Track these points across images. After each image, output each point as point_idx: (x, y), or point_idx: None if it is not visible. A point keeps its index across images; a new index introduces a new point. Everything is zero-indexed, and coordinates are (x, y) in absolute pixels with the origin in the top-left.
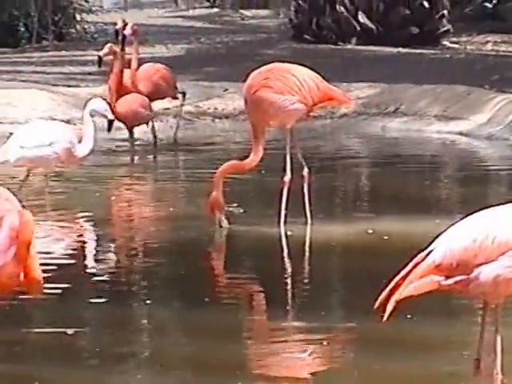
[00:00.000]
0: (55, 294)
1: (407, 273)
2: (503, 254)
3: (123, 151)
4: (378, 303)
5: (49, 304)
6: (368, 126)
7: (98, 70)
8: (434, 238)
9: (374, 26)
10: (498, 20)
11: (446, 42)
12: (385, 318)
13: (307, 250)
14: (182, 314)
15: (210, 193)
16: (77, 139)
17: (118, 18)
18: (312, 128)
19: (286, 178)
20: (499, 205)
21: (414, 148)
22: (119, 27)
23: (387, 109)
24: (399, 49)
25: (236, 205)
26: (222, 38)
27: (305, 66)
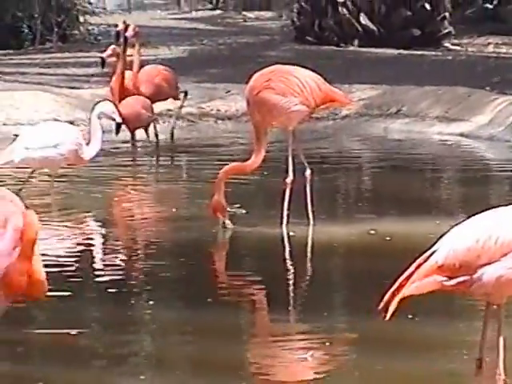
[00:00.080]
0: (58, 295)
1: (410, 273)
2: (506, 254)
3: (125, 152)
4: (381, 304)
5: (52, 304)
6: (370, 127)
7: (101, 72)
8: (436, 238)
9: (375, 28)
10: (499, 22)
11: (447, 44)
12: (387, 317)
13: (309, 250)
14: (184, 315)
15: (213, 194)
16: (84, 141)
17: (121, 20)
18: (314, 129)
19: (288, 179)
20: (501, 206)
21: (415, 149)
22: (120, 29)
23: (389, 110)
24: (401, 50)
25: (238, 206)
26: (225, 39)
27: (307, 67)
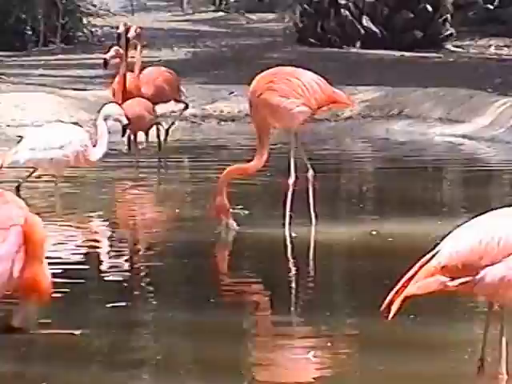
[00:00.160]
0: (62, 295)
1: (413, 274)
2: (508, 255)
3: (127, 154)
4: (384, 304)
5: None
6: (372, 128)
7: (105, 74)
8: (438, 239)
9: (377, 30)
10: (501, 24)
11: (449, 46)
12: (389, 316)
13: (312, 251)
14: (187, 315)
15: (215, 195)
16: (91, 143)
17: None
18: (316, 131)
19: (291, 181)
20: (503, 207)
21: (417, 150)
22: (121, 31)
23: (391, 112)
24: (403, 52)
25: (241, 207)
26: (228, 41)
27: (309, 69)
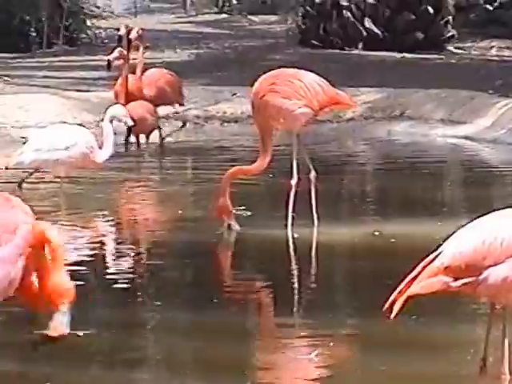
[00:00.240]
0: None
1: (416, 275)
2: (511, 256)
3: (130, 155)
4: (387, 304)
5: None
6: (374, 129)
7: (108, 75)
8: (441, 240)
9: (379, 32)
10: (502, 26)
11: (450, 48)
12: (392, 316)
13: (314, 252)
14: (190, 315)
15: (218, 196)
16: (97, 144)
17: (127, 24)
18: (319, 132)
19: (293, 181)
20: (505, 208)
21: (419, 151)
22: (123, 33)
23: (393, 113)
24: (404, 54)
25: (243, 208)
26: (231, 43)
27: (312, 70)
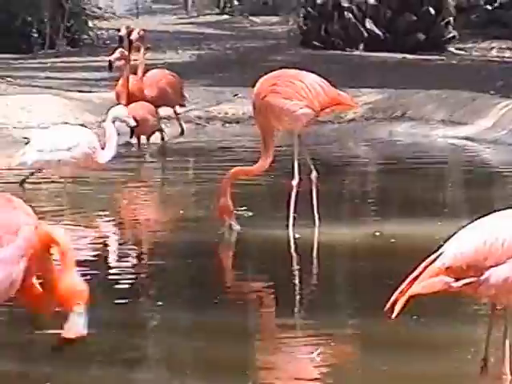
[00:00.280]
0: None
1: (417, 275)
2: None
3: (131, 156)
4: (388, 304)
5: None
6: (375, 130)
7: (110, 76)
8: (441, 240)
9: (380, 33)
10: (503, 26)
11: (451, 49)
12: (393, 316)
13: (315, 252)
14: (191, 315)
15: (219, 196)
16: (100, 145)
17: (128, 25)
18: (320, 133)
19: (294, 182)
20: (506, 208)
21: (420, 152)
22: (123, 33)
23: (394, 114)
24: (406, 55)
25: (245, 208)
26: (232, 44)
27: (313, 71)
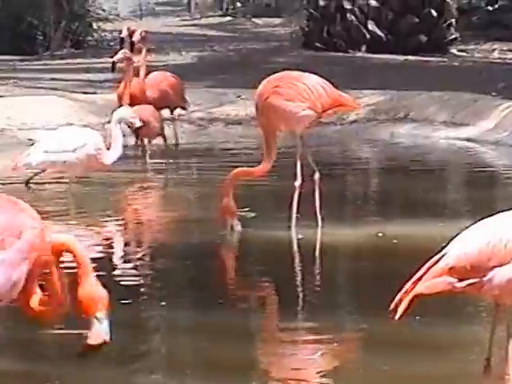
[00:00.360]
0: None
1: (421, 276)
2: None
3: (134, 157)
4: (392, 304)
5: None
6: (377, 131)
7: (114, 77)
8: (443, 241)
9: (383, 34)
10: (505, 28)
11: (453, 50)
12: (397, 316)
13: (318, 252)
14: (195, 316)
15: (222, 197)
16: (105, 146)
17: (133, 26)
18: (322, 134)
19: (297, 183)
20: (509, 209)
21: (422, 153)
22: (124, 35)
23: (396, 115)
24: (408, 56)
25: (248, 209)
26: (235, 45)
27: (315, 73)
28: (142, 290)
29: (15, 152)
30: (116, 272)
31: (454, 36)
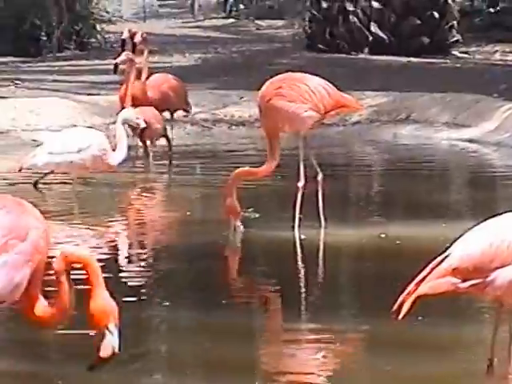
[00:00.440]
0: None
1: (424, 276)
2: None
3: (138, 158)
4: (395, 305)
5: None
6: (380, 132)
7: (118, 79)
8: (445, 242)
9: (385, 36)
10: (506, 30)
11: (455, 52)
12: (400, 317)
13: (321, 253)
14: (198, 316)
15: (225, 197)
16: (110, 147)
17: (137, 28)
18: (325, 135)
19: (300, 184)
20: (510, 210)
21: (424, 154)
22: (126, 37)
23: (398, 116)
24: (410, 58)
25: (251, 209)
26: (238, 47)
27: (318, 75)
28: (145, 290)
29: (19, 153)
30: (119, 272)
31: (456, 38)
